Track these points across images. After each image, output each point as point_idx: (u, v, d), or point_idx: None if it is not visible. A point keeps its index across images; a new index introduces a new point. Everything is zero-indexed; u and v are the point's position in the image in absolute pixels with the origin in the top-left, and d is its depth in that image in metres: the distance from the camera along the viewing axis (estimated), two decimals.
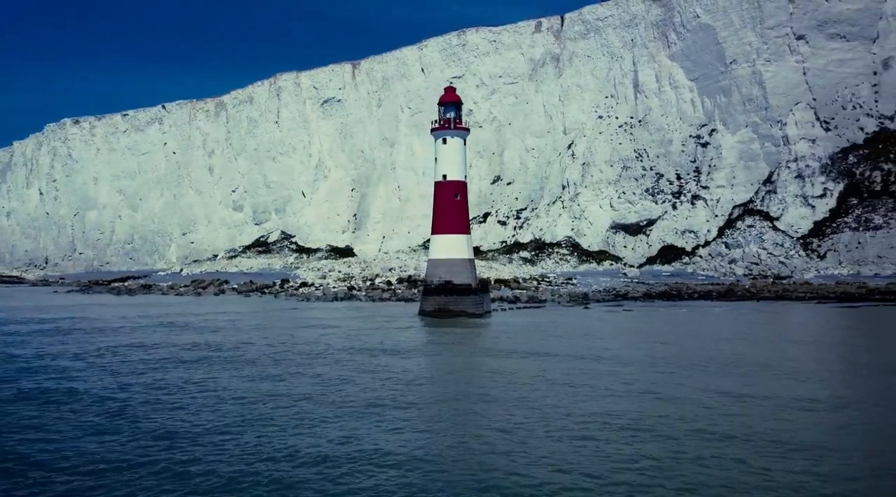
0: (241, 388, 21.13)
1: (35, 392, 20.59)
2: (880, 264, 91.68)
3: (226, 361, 26.69)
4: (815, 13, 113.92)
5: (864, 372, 24.06)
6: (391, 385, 21.44)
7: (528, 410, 17.71)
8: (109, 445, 14.61)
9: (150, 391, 20.54)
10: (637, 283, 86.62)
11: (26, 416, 17.25)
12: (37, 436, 15.47)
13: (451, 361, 27.24)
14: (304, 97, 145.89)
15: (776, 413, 17.36)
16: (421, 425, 16.39)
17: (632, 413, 17.32)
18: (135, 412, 17.66)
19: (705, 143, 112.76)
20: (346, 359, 27.57)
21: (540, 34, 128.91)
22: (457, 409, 18.24)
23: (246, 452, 14.10)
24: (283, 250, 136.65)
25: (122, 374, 23.78)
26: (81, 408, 18.32)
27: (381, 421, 16.63)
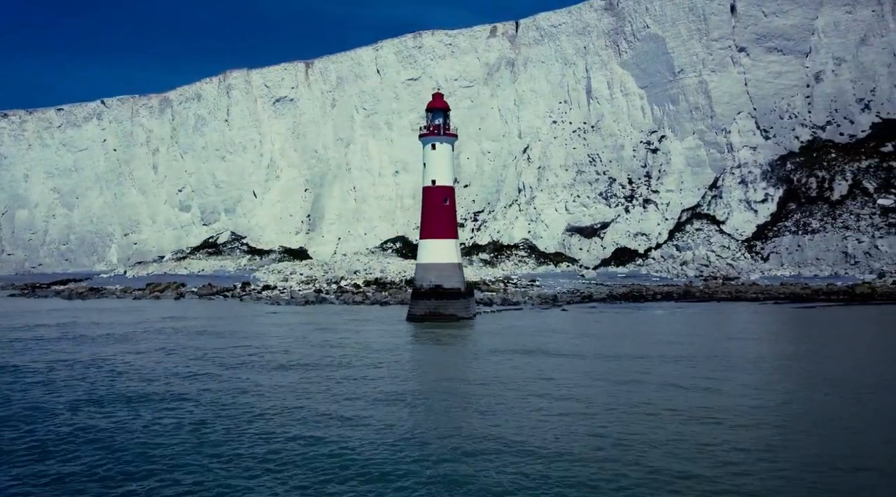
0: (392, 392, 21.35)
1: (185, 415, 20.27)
2: (818, 266, 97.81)
3: (315, 366, 26.74)
4: (755, 27, 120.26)
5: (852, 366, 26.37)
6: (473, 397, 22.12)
7: (652, 414, 18.71)
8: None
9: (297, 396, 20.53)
10: (596, 285, 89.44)
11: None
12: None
13: (515, 375, 27.95)
14: (256, 96, 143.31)
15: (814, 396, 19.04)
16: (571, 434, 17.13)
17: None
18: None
19: (655, 149, 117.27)
20: (410, 374, 28.04)
21: (495, 39, 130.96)
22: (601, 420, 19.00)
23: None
24: (234, 252, 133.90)
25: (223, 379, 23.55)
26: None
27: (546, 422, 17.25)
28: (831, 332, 41.84)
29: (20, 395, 22.22)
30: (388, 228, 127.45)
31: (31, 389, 23.31)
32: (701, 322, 49.96)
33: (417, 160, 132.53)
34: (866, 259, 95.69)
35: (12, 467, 14.70)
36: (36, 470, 14.49)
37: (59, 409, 20.04)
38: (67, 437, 16.82)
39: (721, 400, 20.66)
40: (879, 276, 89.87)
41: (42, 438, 16.76)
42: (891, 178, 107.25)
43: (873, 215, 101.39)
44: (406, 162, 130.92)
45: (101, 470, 14.42)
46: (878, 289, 79.85)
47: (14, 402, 20.93)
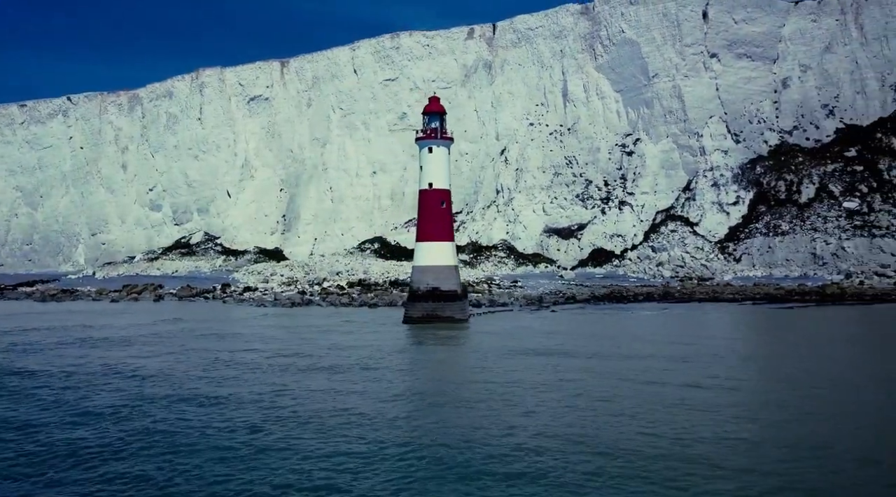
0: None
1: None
2: (788, 266, 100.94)
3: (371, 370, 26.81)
4: (726, 34, 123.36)
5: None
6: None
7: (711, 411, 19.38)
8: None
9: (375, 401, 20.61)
10: (577, 286, 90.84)
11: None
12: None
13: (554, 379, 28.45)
14: (229, 94, 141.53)
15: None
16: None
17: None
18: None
19: (630, 152, 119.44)
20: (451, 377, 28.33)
21: (473, 41, 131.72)
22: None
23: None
24: (208, 252, 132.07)
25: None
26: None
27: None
28: (820, 332, 43.51)
29: (43, 400, 21.97)
30: (365, 229, 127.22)
31: (62, 394, 23.05)
32: (691, 322, 51.35)
33: (395, 161, 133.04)
34: (834, 260, 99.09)
35: (55, 471, 14.72)
36: (101, 472, 14.53)
37: (98, 413, 19.93)
38: (119, 442, 16.82)
39: (743, 396, 21.57)
40: (847, 276, 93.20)
41: (101, 442, 16.71)
42: (855, 182, 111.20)
43: (840, 218, 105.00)
44: (384, 162, 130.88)
45: (164, 474, 14.53)
46: (847, 289, 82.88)
47: (41, 408, 20.71)
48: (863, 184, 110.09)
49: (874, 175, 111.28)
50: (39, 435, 18.02)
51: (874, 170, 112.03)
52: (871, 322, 51.53)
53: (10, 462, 15.82)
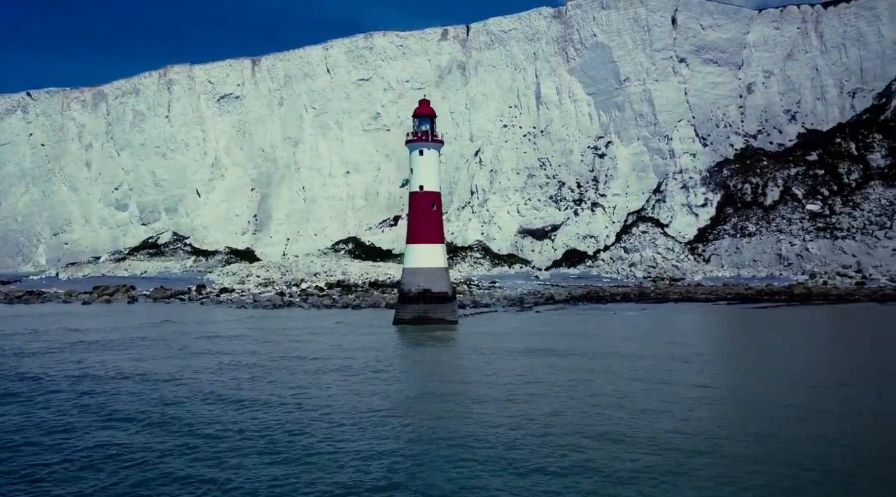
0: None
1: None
2: (755, 267, 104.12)
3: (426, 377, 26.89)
4: (694, 39, 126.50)
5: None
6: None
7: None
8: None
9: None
10: (554, 286, 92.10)
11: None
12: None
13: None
14: (199, 92, 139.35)
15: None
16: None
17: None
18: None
19: (602, 155, 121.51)
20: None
21: (446, 42, 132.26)
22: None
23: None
24: (177, 252, 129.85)
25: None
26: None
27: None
28: (802, 332, 45.27)
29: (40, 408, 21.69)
30: (339, 229, 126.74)
31: (89, 399, 22.76)
32: (675, 323, 52.77)
33: (369, 161, 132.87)
34: (798, 261, 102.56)
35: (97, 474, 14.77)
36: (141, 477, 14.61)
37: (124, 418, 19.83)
38: (155, 444, 16.84)
39: (751, 388, 22.58)
40: (811, 276, 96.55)
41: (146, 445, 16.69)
42: (817, 185, 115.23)
43: (803, 220, 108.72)
44: (357, 162, 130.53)
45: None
46: (813, 289, 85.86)
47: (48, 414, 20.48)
48: (824, 187, 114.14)
49: (834, 179, 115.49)
50: (82, 439, 17.90)
51: (834, 173, 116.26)
52: (844, 320, 53.77)
53: (51, 466, 15.73)
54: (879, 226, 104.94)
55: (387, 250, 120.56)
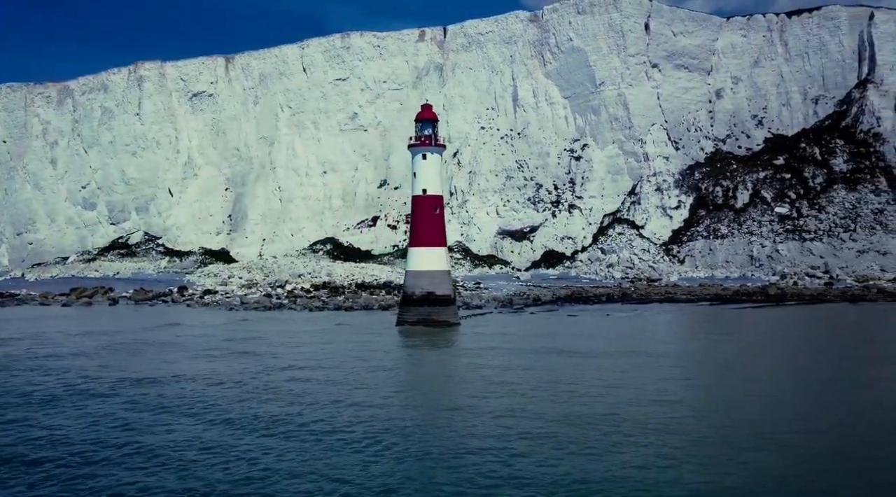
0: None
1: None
2: (728, 268, 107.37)
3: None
4: (666, 45, 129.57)
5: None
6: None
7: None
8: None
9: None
10: (538, 287, 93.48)
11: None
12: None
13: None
14: (171, 89, 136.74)
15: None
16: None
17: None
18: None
19: (578, 157, 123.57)
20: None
21: (423, 43, 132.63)
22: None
23: None
24: (149, 253, 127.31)
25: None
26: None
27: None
28: (786, 331, 47.29)
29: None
30: (316, 230, 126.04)
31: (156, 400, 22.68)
32: (670, 322, 54.43)
33: (346, 161, 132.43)
34: (769, 262, 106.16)
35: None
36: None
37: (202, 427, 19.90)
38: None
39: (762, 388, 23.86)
40: (782, 277, 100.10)
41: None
42: (784, 188, 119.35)
43: (772, 222, 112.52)
44: (334, 162, 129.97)
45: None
46: (786, 289, 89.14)
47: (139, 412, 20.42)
48: (791, 191, 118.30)
49: (801, 182, 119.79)
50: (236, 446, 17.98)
51: (800, 177, 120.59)
52: (825, 319, 56.25)
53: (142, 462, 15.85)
54: (844, 228, 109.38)
55: (366, 251, 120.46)
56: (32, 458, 16.72)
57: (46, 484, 15.06)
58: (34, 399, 23.53)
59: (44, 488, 14.88)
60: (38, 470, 15.87)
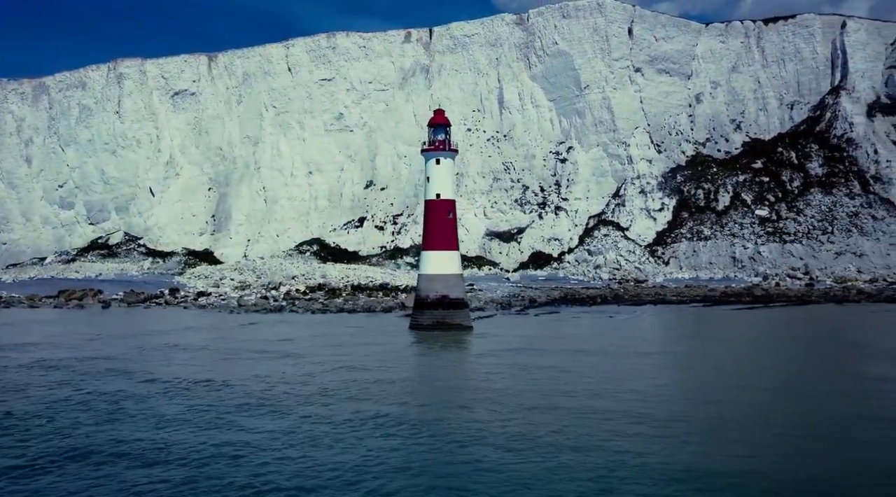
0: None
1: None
2: (711, 269, 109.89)
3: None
4: (648, 50, 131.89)
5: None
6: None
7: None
8: None
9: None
10: (529, 289, 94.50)
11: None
12: None
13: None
14: (152, 87, 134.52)
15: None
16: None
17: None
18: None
19: (564, 159, 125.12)
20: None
21: (409, 44, 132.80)
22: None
23: None
24: (131, 253, 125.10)
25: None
26: None
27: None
28: (792, 331, 48.99)
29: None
30: (302, 230, 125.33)
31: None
32: (676, 324, 55.81)
33: (332, 161, 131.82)
34: (751, 263, 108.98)
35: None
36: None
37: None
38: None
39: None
40: (764, 278, 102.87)
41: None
42: (763, 191, 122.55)
43: (753, 224, 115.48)
44: (320, 163, 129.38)
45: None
46: (770, 290, 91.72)
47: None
48: (770, 193, 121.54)
49: (779, 186, 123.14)
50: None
51: (778, 181, 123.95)
52: (824, 320, 58.29)
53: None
54: (822, 230, 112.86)
55: (353, 252, 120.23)
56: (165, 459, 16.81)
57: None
58: (124, 405, 23.37)
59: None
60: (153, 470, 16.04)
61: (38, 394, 25.89)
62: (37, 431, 20.32)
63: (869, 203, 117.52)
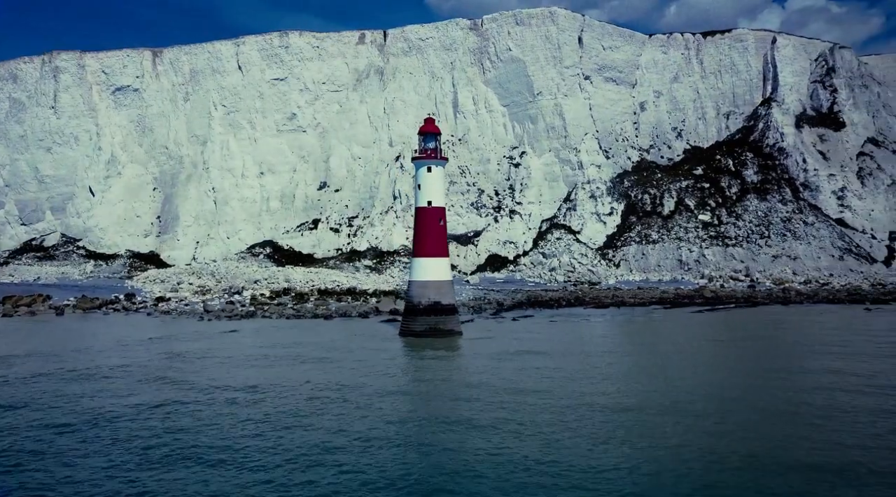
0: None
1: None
2: (660, 271, 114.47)
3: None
4: (596, 58, 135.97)
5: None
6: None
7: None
8: None
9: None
10: (491, 292, 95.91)
11: None
12: None
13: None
14: (91, 82, 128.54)
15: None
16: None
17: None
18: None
19: (517, 164, 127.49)
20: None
21: (364, 46, 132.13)
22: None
23: None
24: (70, 256, 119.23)
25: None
26: None
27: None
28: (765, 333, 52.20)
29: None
30: (253, 232, 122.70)
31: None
32: (658, 327, 58.28)
33: (284, 162, 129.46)
34: (697, 266, 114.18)
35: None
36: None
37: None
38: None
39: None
40: (709, 280, 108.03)
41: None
42: (705, 197, 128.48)
43: (697, 228, 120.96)
44: (272, 163, 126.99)
45: None
46: (718, 292, 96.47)
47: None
48: (711, 199, 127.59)
49: (718, 192, 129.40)
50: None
51: (718, 187, 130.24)
52: (787, 321, 62.18)
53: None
54: (759, 235, 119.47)
55: (308, 254, 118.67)
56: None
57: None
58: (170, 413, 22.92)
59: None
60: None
61: (125, 401, 25.07)
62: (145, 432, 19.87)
63: (800, 209, 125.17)
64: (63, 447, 20.65)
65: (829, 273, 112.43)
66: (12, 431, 22.51)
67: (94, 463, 19.09)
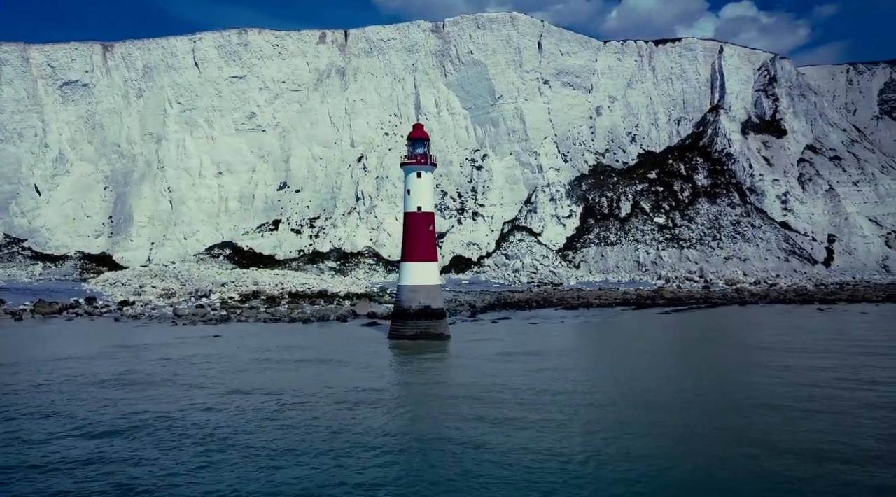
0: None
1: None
2: (619, 273, 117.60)
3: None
4: (555, 63, 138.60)
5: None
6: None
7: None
8: None
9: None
10: (461, 293, 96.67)
11: None
12: None
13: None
14: (36, 76, 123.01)
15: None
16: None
17: None
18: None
19: (479, 167, 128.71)
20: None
21: (325, 45, 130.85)
22: None
23: None
24: (15, 257, 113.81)
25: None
26: None
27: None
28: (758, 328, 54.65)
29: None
30: (211, 233, 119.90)
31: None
32: (636, 328, 60.10)
33: (243, 161, 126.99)
34: (654, 267, 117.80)
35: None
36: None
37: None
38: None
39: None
40: (667, 281, 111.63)
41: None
42: (659, 200, 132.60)
43: (653, 231, 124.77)
44: (230, 163, 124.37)
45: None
46: (676, 293, 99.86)
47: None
48: (665, 202, 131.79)
49: (672, 195, 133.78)
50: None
51: (671, 190, 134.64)
52: (753, 321, 65.08)
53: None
54: (711, 237, 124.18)
55: (269, 256, 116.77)
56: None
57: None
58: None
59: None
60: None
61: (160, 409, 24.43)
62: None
63: (747, 212, 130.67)
64: (128, 453, 20.17)
65: (776, 274, 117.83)
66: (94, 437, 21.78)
67: (164, 463, 18.78)
